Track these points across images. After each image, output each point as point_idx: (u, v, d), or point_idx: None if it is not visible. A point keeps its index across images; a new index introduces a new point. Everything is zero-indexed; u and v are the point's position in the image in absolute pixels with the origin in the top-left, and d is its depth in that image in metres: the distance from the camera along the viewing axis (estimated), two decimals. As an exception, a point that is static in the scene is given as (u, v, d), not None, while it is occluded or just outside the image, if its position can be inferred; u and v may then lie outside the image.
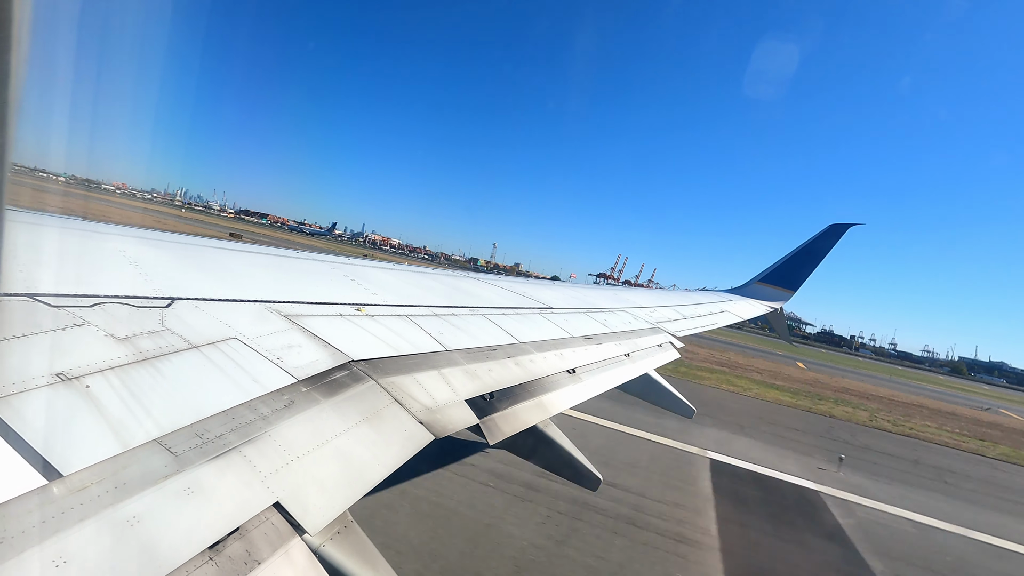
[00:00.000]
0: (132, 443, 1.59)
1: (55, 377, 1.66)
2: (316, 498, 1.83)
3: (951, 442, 25.12)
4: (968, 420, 34.94)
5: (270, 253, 3.84)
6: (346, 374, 2.54)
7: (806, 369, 50.11)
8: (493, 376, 3.36)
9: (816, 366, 57.55)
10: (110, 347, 1.90)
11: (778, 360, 52.18)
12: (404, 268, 4.94)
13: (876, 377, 61.64)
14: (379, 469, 2.14)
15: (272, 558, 1.56)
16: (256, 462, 1.79)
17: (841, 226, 15.67)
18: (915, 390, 53.28)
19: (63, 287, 2.07)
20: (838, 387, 39.56)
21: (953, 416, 35.74)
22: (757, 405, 25.21)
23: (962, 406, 44.85)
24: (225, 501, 1.60)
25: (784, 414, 24.28)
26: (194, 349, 2.14)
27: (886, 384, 52.91)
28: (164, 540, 1.40)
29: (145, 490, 1.48)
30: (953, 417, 35.16)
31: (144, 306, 2.26)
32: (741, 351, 53.24)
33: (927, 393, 51.99)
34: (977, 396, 63.11)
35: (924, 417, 32.17)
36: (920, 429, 27.08)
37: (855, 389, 40.82)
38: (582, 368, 4.39)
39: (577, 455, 3.97)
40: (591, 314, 6.15)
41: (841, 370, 60.73)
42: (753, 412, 23.26)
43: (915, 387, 58.05)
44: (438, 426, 2.57)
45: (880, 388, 46.37)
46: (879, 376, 65.14)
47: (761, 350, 61.39)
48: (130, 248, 2.74)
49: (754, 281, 16.25)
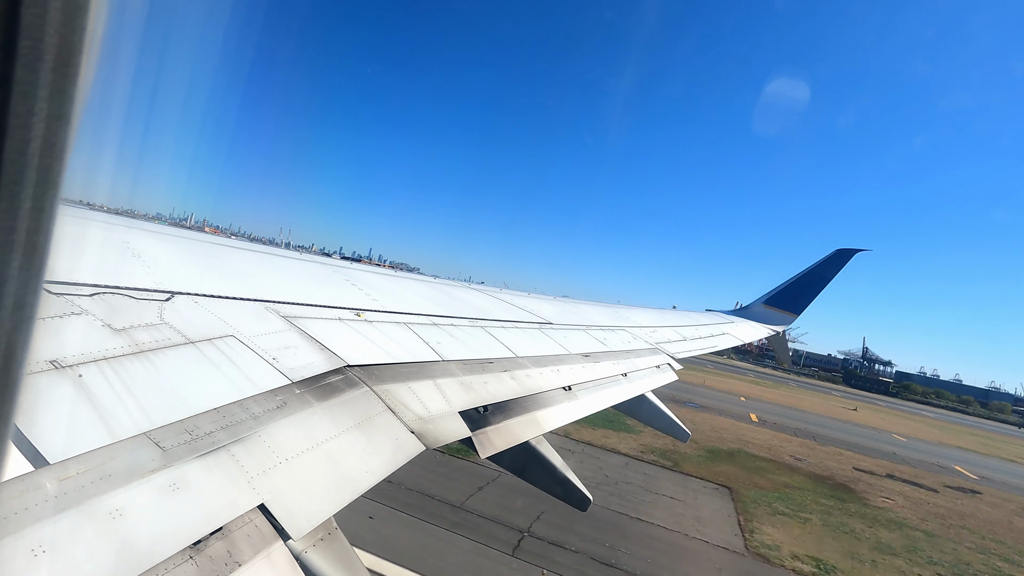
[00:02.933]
0: (121, 435, 1.58)
1: (48, 364, 1.65)
2: (302, 502, 1.81)
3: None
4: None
5: (273, 253, 3.86)
6: (341, 379, 2.53)
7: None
8: (488, 389, 3.35)
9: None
10: (106, 337, 1.90)
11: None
12: (406, 275, 4.95)
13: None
14: (368, 477, 2.12)
15: (253, 560, 1.54)
16: (244, 462, 1.77)
17: (848, 251, 15.59)
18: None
19: (62, 275, 2.07)
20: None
21: None
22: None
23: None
24: (210, 500, 1.59)
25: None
26: (191, 344, 2.14)
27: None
28: (146, 535, 1.38)
29: (131, 483, 1.47)
30: None
31: (143, 298, 2.26)
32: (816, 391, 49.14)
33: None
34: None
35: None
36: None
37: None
38: (578, 386, 4.37)
39: (569, 474, 3.94)
40: (590, 332, 6.14)
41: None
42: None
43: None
44: (430, 436, 2.55)
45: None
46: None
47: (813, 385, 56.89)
48: (133, 240, 2.75)
49: (757, 303, 16.07)
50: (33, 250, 0.56)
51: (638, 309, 9.70)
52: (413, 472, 12.54)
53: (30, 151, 0.53)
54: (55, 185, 0.57)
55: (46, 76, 0.52)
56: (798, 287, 15.96)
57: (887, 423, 45.58)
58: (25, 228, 0.55)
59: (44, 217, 0.57)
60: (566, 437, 18.64)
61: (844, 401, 58.58)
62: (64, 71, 0.53)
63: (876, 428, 40.16)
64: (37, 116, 0.53)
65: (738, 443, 23.03)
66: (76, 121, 0.56)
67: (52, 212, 0.57)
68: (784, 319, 15.66)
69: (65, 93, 0.54)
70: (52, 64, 0.53)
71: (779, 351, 16.51)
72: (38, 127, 0.53)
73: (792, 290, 15.98)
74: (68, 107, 0.55)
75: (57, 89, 0.53)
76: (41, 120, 0.53)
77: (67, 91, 0.54)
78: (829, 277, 15.73)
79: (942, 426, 54.18)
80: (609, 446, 18.77)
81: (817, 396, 57.47)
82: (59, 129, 0.55)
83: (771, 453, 22.30)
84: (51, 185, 0.56)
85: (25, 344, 0.59)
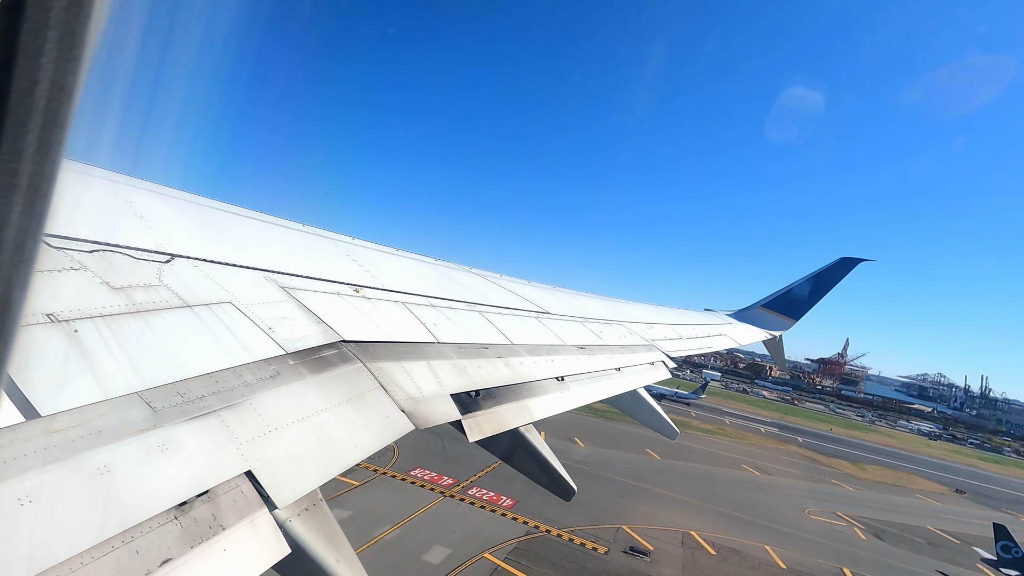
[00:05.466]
0: (113, 393, 1.58)
1: (45, 317, 1.65)
2: (289, 472, 1.83)
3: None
4: None
5: (276, 223, 3.84)
6: (335, 353, 2.54)
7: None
8: (481, 374, 3.36)
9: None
10: (104, 295, 1.90)
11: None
12: (407, 255, 4.94)
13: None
14: (355, 452, 2.13)
15: (237, 525, 1.56)
16: (234, 428, 1.78)
17: (852, 260, 15.51)
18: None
19: (63, 229, 2.07)
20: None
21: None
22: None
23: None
24: (198, 463, 1.60)
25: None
26: (188, 308, 2.14)
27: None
28: (132, 492, 1.39)
29: (120, 441, 1.48)
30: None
31: (143, 259, 2.25)
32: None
33: None
34: None
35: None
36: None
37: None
38: (571, 377, 4.39)
39: (555, 463, 3.96)
40: (587, 324, 6.15)
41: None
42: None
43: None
44: (420, 417, 2.57)
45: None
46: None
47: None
48: (137, 200, 2.74)
49: (756, 306, 15.97)
50: (36, 193, 0.56)
51: (635, 304, 9.69)
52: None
53: (38, 91, 0.53)
54: (61, 129, 0.56)
55: (59, 14, 0.51)
56: (799, 293, 15.87)
57: None
58: (28, 171, 0.55)
59: (48, 161, 0.56)
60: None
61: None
62: (77, 10, 0.53)
63: None
64: (47, 56, 0.52)
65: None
66: (86, 65, 0.55)
67: (57, 156, 0.57)
68: (782, 323, 15.58)
69: (77, 34, 0.53)
70: (65, 3, 0.52)
71: (775, 354, 16.48)
72: (47, 67, 0.53)
73: (793, 295, 15.88)
74: (79, 49, 0.54)
75: (69, 29, 0.52)
76: (51, 60, 0.53)
77: (79, 32, 0.53)
78: (831, 285, 15.66)
79: None
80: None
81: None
82: (69, 71, 0.54)
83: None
84: (57, 128, 0.56)
85: (23, 288, 0.59)
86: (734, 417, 61.67)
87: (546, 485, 4.06)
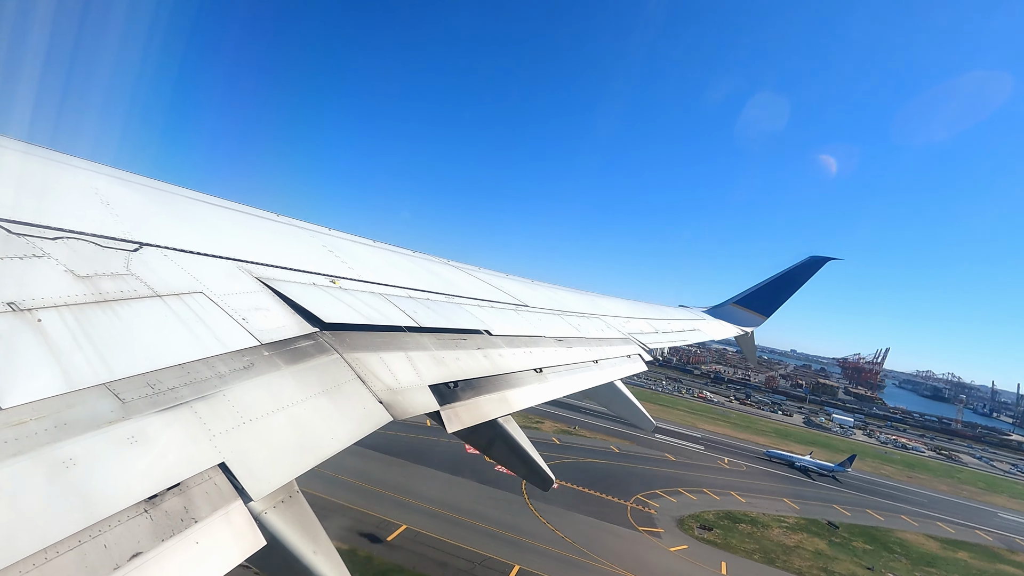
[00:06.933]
0: (79, 384, 1.53)
1: (5, 306, 1.59)
2: (264, 464, 1.80)
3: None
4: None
5: (250, 213, 3.76)
6: (311, 344, 2.50)
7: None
8: (460, 365, 3.35)
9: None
10: (69, 283, 1.83)
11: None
12: (384, 247, 4.88)
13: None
14: (332, 443, 2.11)
15: (211, 518, 1.53)
16: (207, 420, 1.74)
17: (820, 259, 16.03)
18: None
19: (24, 215, 1.99)
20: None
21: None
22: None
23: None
24: (169, 455, 1.56)
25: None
26: (157, 298, 2.08)
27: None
28: (100, 486, 1.35)
29: (87, 433, 1.43)
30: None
31: (110, 247, 2.18)
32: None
33: None
34: None
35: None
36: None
37: None
38: (550, 369, 4.40)
39: (533, 454, 3.98)
40: (565, 317, 6.18)
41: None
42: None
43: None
44: (398, 408, 2.55)
45: None
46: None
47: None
48: (103, 186, 2.64)
49: (729, 303, 16.41)
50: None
51: (613, 299, 9.78)
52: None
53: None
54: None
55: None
56: (770, 290, 16.34)
57: None
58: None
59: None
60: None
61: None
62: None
63: None
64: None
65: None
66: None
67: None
68: (754, 320, 16.02)
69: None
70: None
71: (746, 350, 16.96)
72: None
73: (764, 293, 16.35)
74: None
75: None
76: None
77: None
78: (800, 282, 16.15)
79: None
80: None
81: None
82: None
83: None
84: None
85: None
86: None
87: (524, 476, 4.09)
